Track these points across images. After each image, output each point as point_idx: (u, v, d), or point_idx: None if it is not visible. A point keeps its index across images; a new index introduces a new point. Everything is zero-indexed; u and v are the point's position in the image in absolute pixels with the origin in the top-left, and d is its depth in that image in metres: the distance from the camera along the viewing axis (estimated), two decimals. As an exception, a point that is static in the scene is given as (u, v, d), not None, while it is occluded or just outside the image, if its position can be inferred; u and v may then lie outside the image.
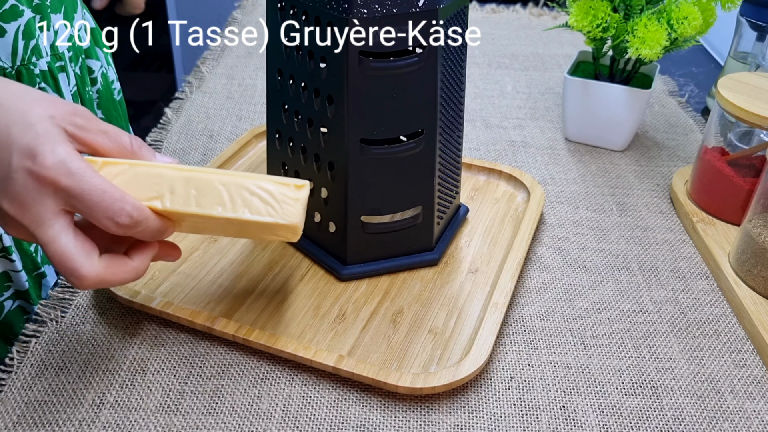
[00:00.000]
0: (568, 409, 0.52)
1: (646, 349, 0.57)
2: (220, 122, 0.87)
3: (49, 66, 0.70)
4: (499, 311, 0.56)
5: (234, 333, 0.54)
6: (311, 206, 0.61)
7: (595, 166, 0.80)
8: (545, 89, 0.98)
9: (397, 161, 0.58)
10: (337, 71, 0.53)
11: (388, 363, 0.54)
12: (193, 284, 0.60)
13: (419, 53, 0.54)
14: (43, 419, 0.50)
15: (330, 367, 0.52)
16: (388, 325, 0.57)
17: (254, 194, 0.46)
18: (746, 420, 0.51)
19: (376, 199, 0.59)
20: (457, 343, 0.55)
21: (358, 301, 0.59)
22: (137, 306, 0.57)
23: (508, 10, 1.26)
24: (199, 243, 0.65)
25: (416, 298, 0.60)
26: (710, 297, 0.62)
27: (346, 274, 0.61)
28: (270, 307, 0.58)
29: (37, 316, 0.58)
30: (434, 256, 0.63)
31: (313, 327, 0.57)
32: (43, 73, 0.69)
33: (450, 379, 0.51)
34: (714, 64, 1.08)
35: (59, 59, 0.71)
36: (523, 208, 0.70)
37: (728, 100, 0.65)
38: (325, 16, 0.52)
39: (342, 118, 0.55)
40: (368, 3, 0.50)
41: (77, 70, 0.75)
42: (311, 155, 0.59)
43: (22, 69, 0.67)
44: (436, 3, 0.52)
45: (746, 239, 0.61)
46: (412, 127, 0.57)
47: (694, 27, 0.71)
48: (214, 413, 0.50)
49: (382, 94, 0.54)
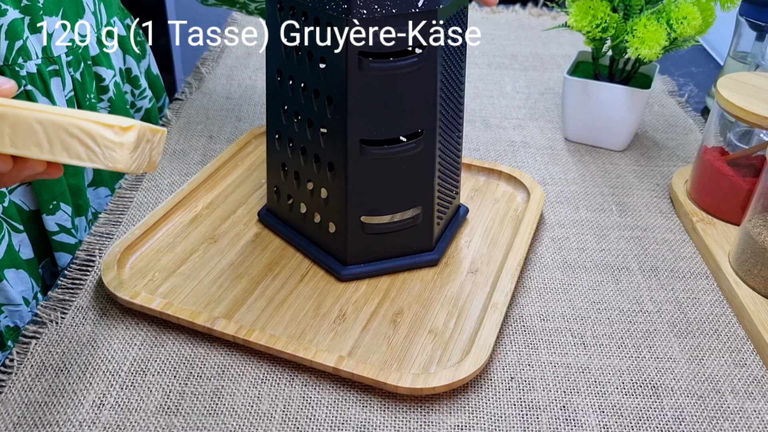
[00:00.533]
0: (568, 409, 0.52)
1: (646, 349, 0.57)
2: (219, 123, 0.87)
3: (39, 69, 0.68)
4: (499, 311, 0.56)
5: (234, 334, 0.54)
6: (311, 207, 0.61)
7: (595, 166, 0.80)
8: (545, 89, 0.98)
9: (396, 161, 0.58)
10: (336, 72, 0.53)
11: (388, 363, 0.54)
12: (193, 285, 0.60)
13: (419, 53, 0.54)
14: (44, 420, 0.50)
15: (330, 368, 0.52)
16: (388, 325, 0.57)
17: (73, 136, 0.41)
18: (746, 419, 0.51)
19: (376, 200, 0.59)
20: (457, 344, 0.55)
21: (358, 302, 0.59)
22: (137, 307, 0.57)
23: (508, 10, 1.26)
24: (199, 244, 0.65)
25: (416, 299, 0.60)
26: (710, 297, 0.62)
27: (346, 275, 0.61)
28: (270, 308, 0.58)
29: (37, 318, 0.58)
30: (434, 256, 0.63)
31: (314, 327, 0.57)
32: (30, 75, 0.67)
33: (450, 380, 0.51)
34: (713, 64, 1.08)
35: (53, 63, 0.69)
36: (523, 209, 0.70)
37: (728, 100, 0.65)
38: (324, 16, 0.52)
39: (342, 118, 0.55)
40: (368, 3, 0.50)
41: (77, 76, 0.73)
42: (311, 156, 0.59)
43: (5, 69, 0.65)
44: (436, 3, 0.52)
45: (746, 239, 0.61)
46: (411, 127, 0.57)
47: (693, 27, 0.71)
48: (214, 414, 0.50)
49: (382, 95, 0.54)
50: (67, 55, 0.71)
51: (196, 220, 0.68)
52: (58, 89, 0.71)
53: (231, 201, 0.71)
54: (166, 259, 0.63)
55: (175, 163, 0.78)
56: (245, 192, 0.72)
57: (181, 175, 0.76)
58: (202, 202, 0.70)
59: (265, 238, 0.66)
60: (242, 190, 0.73)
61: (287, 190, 0.64)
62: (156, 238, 0.65)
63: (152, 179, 0.75)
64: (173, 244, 0.65)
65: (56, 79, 0.70)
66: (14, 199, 0.69)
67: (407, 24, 0.52)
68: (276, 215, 0.67)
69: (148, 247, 0.64)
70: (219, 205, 0.70)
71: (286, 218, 0.65)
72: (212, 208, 0.70)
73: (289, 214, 0.65)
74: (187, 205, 0.69)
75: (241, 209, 0.70)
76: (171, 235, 0.66)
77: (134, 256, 0.63)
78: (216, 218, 0.68)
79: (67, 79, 0.71)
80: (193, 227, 0.67)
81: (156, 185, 0.75)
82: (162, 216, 0.66)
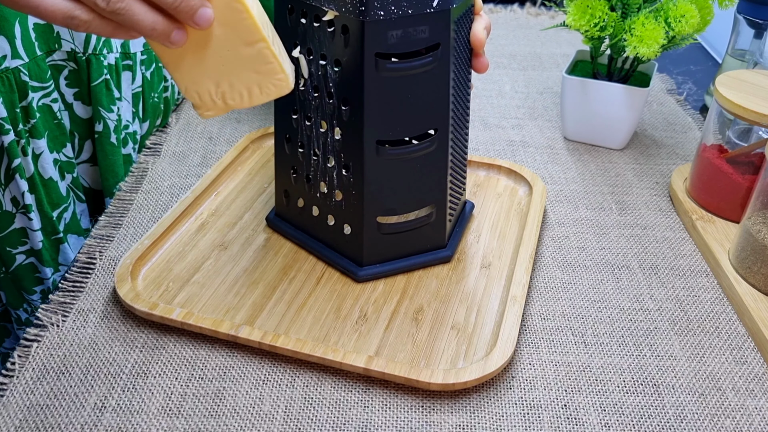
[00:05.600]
0: (569, 408, 0.52)
1: (646, 347, 0.57)
2: (219, 125, 0.87)
3: (117, 61, 0.74)
4: (519, 304, 0.57)
5: (260, 340, 0.54)
6: (324, 209, 0.61)
7: (594, 165, 0.80)
8: (543, 89, 0.98)
9: (411, 161, 0.58)
10: (352, 73, 0.53)
11: (416, 361, 0.54)
12: (209, 293, 0.60)
13: (433, 53, 0.54)
14: (45, 423, 0.50)
15: (361, 369, 0.52)
16: (410, 323, 0.57)
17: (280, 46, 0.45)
18: (747, 417, 0.51)
19: (392, 200, 0.59)
20: (480, 338, 0.56)
21: (378, 301, 0.59)
22: (156, 318, 0.56)
23: (506, 9, 1.26)
24: (210, 252, 0.64)
25: (434, 296, 0.60)
26: (710, 294, 0.62)
27: (363, 275, 0.61)
28: (290, 312, 0.58)
29: (38, 321, 0.58)
30: (448, 253, 0.63)
31: (337, 329, 0.56)
32: (110, 66, 0.73)
33: (480, 374, 0.51)
34: (712, 62, 1.08)
35: (128, 58, 0.76)
36: (527, 202, 0.71)
37: (726, 98, 0.65)
38: (340, 18, 0.52)
39: (358, 119, 0.55)
40: (384, 4, 0.50)
41: (147, 75, 0.79)
42: (325, 158, 0.59)
43: (92, 57, 0.71)
44: (450, 3, 0.52)
45: (746, 236, 0.61)
46: (426, 126, 0.57)
47: (691, 25, 0.71)
48: (216, 416, 0.50)
49: (398, 95, 0.54)
50: (142, 54, 0.77)
51: (203, 227, 0.68)
52: (127, 83, 0.76)
53: (236, 207, 0.71)
54: (178, 268, 0.62)
55: (175, 165, 0.78)
56: (249, 197, 0.72)
57: (181, 177, 0.76)
58: (207, 210, 0.70)
59: (275, 243, 0.66)
60: (246, 195, 0.73)
61: (298, 193, 0.64)
62: (165, 248, 0.64)
63: (152, 181, 0.76)
64: (183, 253, 0.64)
65: (127, 73, 0.76)
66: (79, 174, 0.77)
67: (422, 24, 0.52)
68: (286, 219, 0.67)
69: (159, 258, 0.63)
70: (225, 212, 0.70)
71: (297, 222, 0.65)
72: (218, 214, 0.69)
73: (300, 217, 0.65)
74: (193, 213, 0.69)
75: (248, 214, 0.70)
76: (180, 244, 0.65)
77: (146, 267, 0.62)
78: (223, 225, 0.68)
79: (137, 75, 0.77)
80: (201, 235, 0.67)
81: (156, 187, 0.75)
82: (169, 225, 0.66)
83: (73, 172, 0.75)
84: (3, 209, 0.69)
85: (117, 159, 0.77)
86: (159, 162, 0.79)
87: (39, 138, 0.69)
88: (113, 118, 0.75)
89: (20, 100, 0.67)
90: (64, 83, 0.72)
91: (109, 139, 0.76)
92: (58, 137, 0.72)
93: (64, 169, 0.74)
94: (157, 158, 0.80)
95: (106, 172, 0.77)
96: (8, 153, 0.67)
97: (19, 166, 0.68)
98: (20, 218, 0.71)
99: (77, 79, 0.72)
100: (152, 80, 0.81)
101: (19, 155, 0.67)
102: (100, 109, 0.74)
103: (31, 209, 0.70)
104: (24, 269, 0.73)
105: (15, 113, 0.66)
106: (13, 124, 0.66)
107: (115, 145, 0.76)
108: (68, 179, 0.75)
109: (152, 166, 0.78)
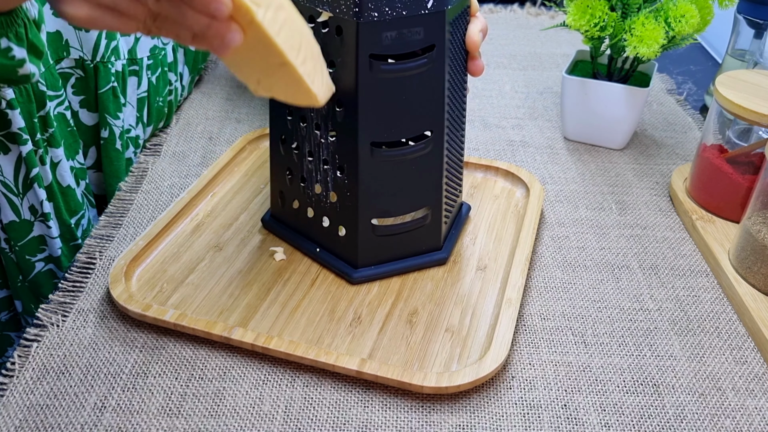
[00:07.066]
0: (569, 408, 0.52)
1: (646, 347, 0.57)
2: (219, 124, 0.87)
3: (123, 68, 0.75)
4: (514, 307, 0.57)
5: (253, 342, 0.54)
6: (319, 211, 0.61)
7: (594, 165, 0.80)
8: (543, 89, 0.98)
9: (406, 163, 0.58)
10: (347, 75, 0.53)
11: (410, 364, 0.54)
12: (203, 294, 0.60)
13: (428, 55, 0.54)
14: (45, 423, 0.50)
15: (353, 371, 0.52)
16: (404, 325, 0.57)
17: (318, 62, 0.44)
18: (747, 417, 0.51)
19: (387, 201, 0.59)
20: (475, 341, 0.56)
21: (372, 304, 0.59)
22: (150, 320, 0.56)
23: (506, 9, 1.26)
24: (204, 253, 0.64)
25: (429, 298, 0.60)
26: (710, 294, 0.62)
27: (358, 277, 0.61)
28: (284, 314, 0.58)
29: (38, 321, 0.58)
30: (443, 255, 0.63)
31: (330, 331, 0.56)
32: (117, 73, 0.74)
33: (474, 377, 0.51)
34: (712, 62, 1.08)
35: (134, 63, 0.76)
36: (523, 204, 0.71)
37: (726, 98, 0.65)
38: (334, 19, 0.52)
39: (352, 121, 0.55)
40: (378, 6, 0.50)
41: (153, 79, 0.80)
42: (320, 160, 0.59)
43: (99, 65, 0.72)
44: (444, 4, 0.52)
45: (746, 236, 0.61)
46: (421, 128, 0.57)
47: (691, 25, 0.71)
48: (216, 416, 0.50)
49: (392, 97, 0.54)
50: (148, 59, 0.78)
51: (198, 228, 0.68)
52: (133, 88, 0.77)
53: (232, 208, 0.71)
54: (173, 269, 0.62)
55: (175, 165, 0.78)
56: (245, 198, 0.72)
57: (180, 177, 0.76)
58: (202, 211, 0.70)
59: (270, 244, 0.66)
60: (242, 196, 0.73)
61: (293, 195, 0.64)
62: (160, 249, 0.64)
63: (152, 181, 0.76)
64: (178, 254, 0.64)
65: (133, 79, 0.77)
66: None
67: (417, 26, 0.52)
68: (281, 220, 0.67)
69: (153, 259, 0.63)
70: (220, 213, 0.70)
71: (292, 223, 0.65)
72: (214, 215, 0.69)
73: (295, 218, 0.64)
74: (188, 214, 0.69)
75: (243, 216, 0.70)
76: (175, 245, 0.65)
77: (140, 268, 0.62)
78: (218, 226, 0.68)
79: (143, 80, 0.78)
80: (196, 236, 0.67)
81: (156, 187, 0.75)
82: (164, 226, 0.66)
83: (85, 178, 0.76)
84: (21, 218, 0.69)
85: (121, 165, 0.78)
86: (159, 162, 0.79)
87: (57, 147, 0.70)
88: (119, 124, 0.76)
89: (38, 110, 0.67)
90: (71, 91, 0.72)
91: (114, 146, 0.76)
92: (72, 145, 0.73)
93: (79, 176, 0.75)
94: (157, 158, 0.80)
95: (110, 178, 0.77)
96: (26, 162, 0.67)
97: (38, 175, 0.68)
98: (39, 226, 0.71)
99: (84, 86, 0.73)
100: (158, 85, 0.81)
101: (37, 164, 0.68)
102: (107, 116, 0.74)
103: (50, 217, 0.70)
104: (43, 276, 0.73)
105: (33, 123, 0.66)
106: (30, 133, 0.66)
107: (119, 151, 0.77)
108: (82, 186, 0.76)
109: (152, 166, 0.78)
